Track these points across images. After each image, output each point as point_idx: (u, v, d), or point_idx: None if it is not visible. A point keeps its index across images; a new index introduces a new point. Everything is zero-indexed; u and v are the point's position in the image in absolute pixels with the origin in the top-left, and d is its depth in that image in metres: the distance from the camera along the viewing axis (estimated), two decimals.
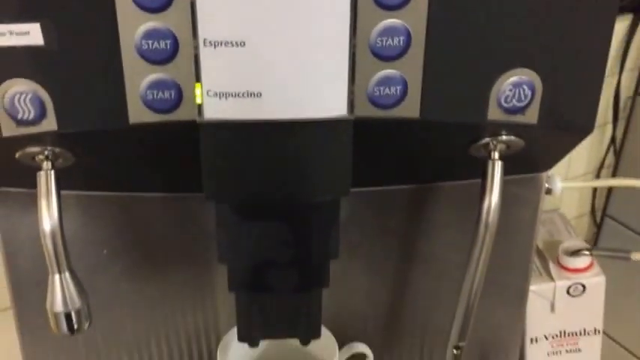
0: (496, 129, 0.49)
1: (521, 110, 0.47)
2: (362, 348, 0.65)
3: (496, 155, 0.51)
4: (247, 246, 0.51)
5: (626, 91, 1.09)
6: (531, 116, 0.48)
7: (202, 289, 0.68)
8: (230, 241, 0.51)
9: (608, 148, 1.12)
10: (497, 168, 0.51)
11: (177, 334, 0.70)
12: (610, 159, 1.13)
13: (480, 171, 0.52)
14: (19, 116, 0.44)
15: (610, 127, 1.10)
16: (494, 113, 0.47)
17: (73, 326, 0.50)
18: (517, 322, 0.72)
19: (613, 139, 1.11)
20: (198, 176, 0.46)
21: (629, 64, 1.06)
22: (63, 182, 0.48)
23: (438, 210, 0.65)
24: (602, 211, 1.16)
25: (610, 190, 1.13)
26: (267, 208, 0.49)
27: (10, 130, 0.44)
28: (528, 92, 0.47)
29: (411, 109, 0.46)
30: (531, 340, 0.78)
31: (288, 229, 0.49)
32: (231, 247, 0.51)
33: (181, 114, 0.44)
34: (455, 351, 0.59)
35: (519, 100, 0.47)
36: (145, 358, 0.71)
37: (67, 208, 0.49)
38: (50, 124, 0.44)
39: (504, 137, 0.50)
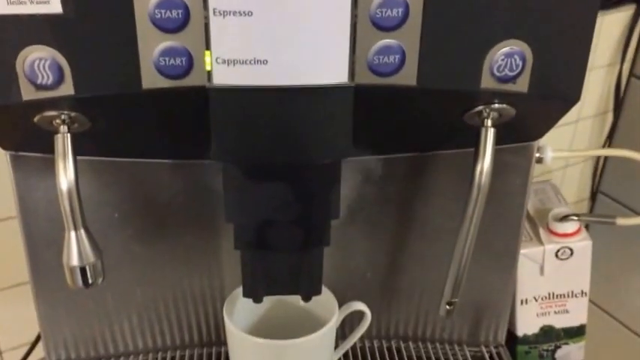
0: (489, 97, 0.51)
1: (512, 79, 0.49)
2: (360, 306, 0.67)
3: (489, 123, 0.53)
4: (252, 205, 0.53)
5: (627, 81, 1.09)
6: (522, 85, 0.50)
7: (208, 252, 0.70)
8: (236, 201, 0.53)
9: (608, 137, 1.13)
10: (489, 135, 0.53)
11: (184, 296, 0.72)
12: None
13: (474, 139, 0.54)
14: (39, 81, 0.45)
15: (611, 115, 1.11)
16: (487, 82, 0.49)
17: (87, 280, 0.52)
18: (508, 284, 0.74)
19: (613, 128, 1.11)
20: (206, 142, 0.48)
21: (630, 54, 1.06)
22: (78, 148, 0.50)
23: (434, 178, 0.67)
24: (595, 188, 1.17)
25: (603, 167, 1.15)
26: (272, 168, 0.51)
27: (29, 95, 0.46)
28: (519, 62, 0.48)
29: (408, 77, 0.48)
30: (521, 301, 0.80)
31: (292, 190, 0.51)
32: (237, 207, 0.53)
33: (192, 80, 0.46)
34: (448, 307, 0.61)
35: (511, 69, 0.49)
36: (153, 318, 0.73)
37: (81, 174, 0.50)
38: (68, 88, 0.46)
39: (496, 105, 0.52)
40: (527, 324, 0.82)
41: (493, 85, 0.49)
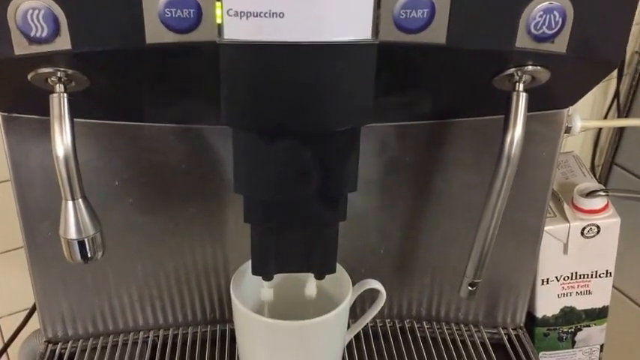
0: (523, 58, 0.47)
1: (550, 38, 0.45)
2: (375, 285, 0.63)
3: (521, 87, 0.49)
4: (264, 176, 0.49)
5: (631, 46, 1.06)
6: (560, 45, 0.46)
7: (214, 223, 0.66)
8: (247, 172, 0.49)
9: (611, 104, 1.10)
10: (521, 100, 0.49)
11: (187, 270, 0.69)
12: (613, 114, 1.11)
13: (501, 107, 0.50)
14: (32, 33, 0.42)
15: (614, 82, 1.08)
16: (522, 41, 0.45)
17: (86, 254, 0.49)
18: (530, 263, 0.71)
19: (617, 95, 1.08)
20: (214, 105, 0.44)
21: (636, 18, 1.03)
22: (76, 109, 0.46)
23: (456, 148, 0.64)
24: (610, 160, 1.14)
25: (619, 138, 1.12)
26: (286, 135, 0.46)
27: (22, 49, 0.42)
28: (559, 19, 0.45)
29: (437, 34, 0.44)
30: (542, 281, 0.77)
31: (308, 159, 0.47)
32: (247, 178, 0.49)
33: (200, 34, 0.42)
34: (470, 288, 0.58)
35: (549, 27, 0.45)
36: (155, 294, 0.70)
37: (79, 138, 0.46)
38: (64, 42, 0.42)
39: (530, 68, 0.48)
40: (548, 305, 0.79)
41: (529, 44, 0.45)
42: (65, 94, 0.45)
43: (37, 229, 0.62)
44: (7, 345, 0.80)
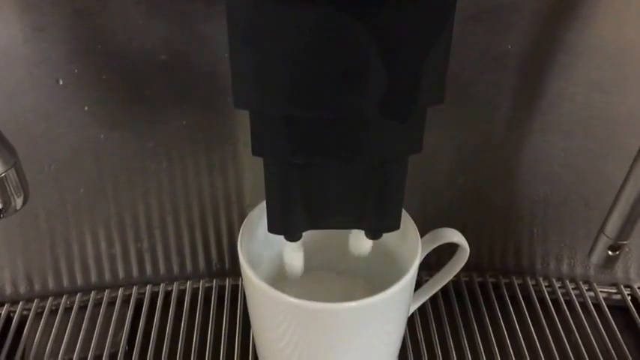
0: None
1: None
2: (454, 237, 0.45)
3: None
4: (283, 76, 0.30)
5: None
6: None
7: (214, 139, 0.51)
8: (253, 69, 0.30)
9: None
10: None
11: (183, 204, 0.54)
12: None
13: None
14: None
15: None
16: None
17: None
18: None
19: None
20: None
21: None
22: None
23: (590, 28, 0.45)
24: None
25: None
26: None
27: None
28: None
29: None
30: None
31: (359, 44, 0.29)
32: (254, 80, 0.31)
33: None
34: (610, 252, 0.41)
35: None
36: (141, 236, 0.55)
37: None
38: None
39: None
40: None
41: None
42: None
43: None
44: None
